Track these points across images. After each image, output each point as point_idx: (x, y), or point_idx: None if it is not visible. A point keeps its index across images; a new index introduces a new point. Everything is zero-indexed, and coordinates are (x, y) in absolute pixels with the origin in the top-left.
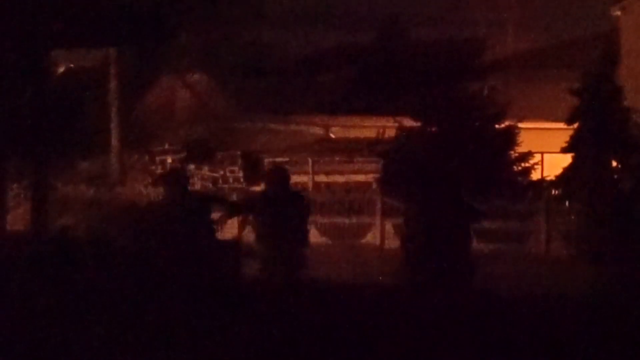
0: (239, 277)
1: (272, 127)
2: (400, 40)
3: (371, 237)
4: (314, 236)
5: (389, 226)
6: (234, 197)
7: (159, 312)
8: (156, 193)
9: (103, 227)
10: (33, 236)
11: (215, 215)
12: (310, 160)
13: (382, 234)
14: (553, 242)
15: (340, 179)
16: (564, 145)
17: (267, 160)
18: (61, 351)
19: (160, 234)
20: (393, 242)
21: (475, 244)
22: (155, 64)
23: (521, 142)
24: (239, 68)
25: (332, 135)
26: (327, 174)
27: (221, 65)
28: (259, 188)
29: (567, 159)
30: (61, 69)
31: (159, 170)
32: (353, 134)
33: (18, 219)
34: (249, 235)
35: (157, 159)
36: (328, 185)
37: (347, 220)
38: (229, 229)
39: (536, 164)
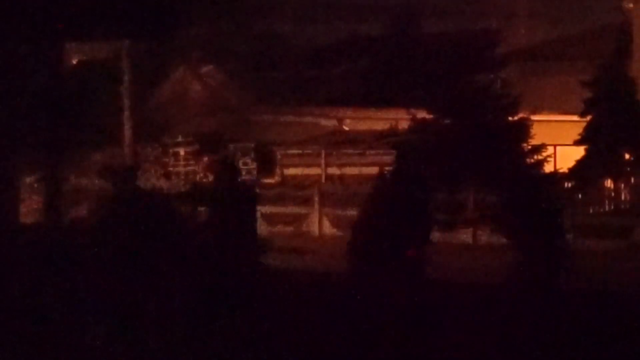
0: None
1: (284, 119)
2: (413, 32)
3: None
4: (326, 227)
5: None
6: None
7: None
8: (168, 185)
9: (115, 218)
10: (45, 228)
11: None
12: (323, 153)
13: None
14: None
15: (352, 171)
16: (577, 137)
17: (279, 153)
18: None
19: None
20: None
21: None
22: (168, 56)
23: (534, 134)
24: (252, 60)
25: (345, 128)
26: (339, 166)
27: (234, 57)
28: (272, 180)
29: (580, 151)
30: (74, 62)
31: (172, 162)
32: (366, 126)
33: (31, 211)
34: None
35: (170, 151)
36: (341, 177)
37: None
38: None
39: (549, 156)
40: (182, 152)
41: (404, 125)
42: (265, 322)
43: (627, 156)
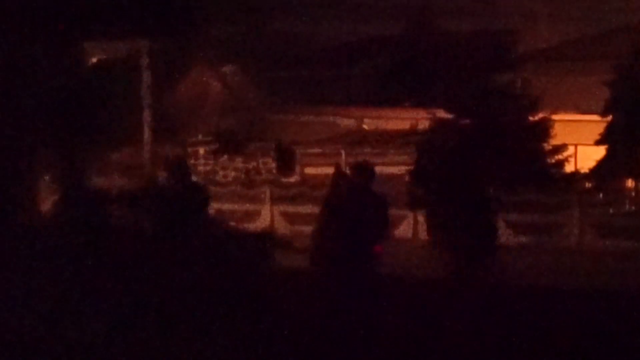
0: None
1: (304, 118)
2: (433, 32)
3: (404, 230)
4: None
5: (421, 218)
6: (267, 188)
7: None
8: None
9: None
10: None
11: None
12: (343, 152)
13: (414, 226)
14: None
15: None
16: (598, 137)
17: (299, 152)
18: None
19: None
20: (425, 235)
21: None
22: (187, 55)
23: (555, 134)
24: (271, 59)
25: (365, 127)
26: None
27: (253, 57)
28: (292, 179)
29: (601, 151)
30: (93, 61)
31: (192, 162)
32: (386, 125)
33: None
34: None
35: (190, 150)
36: None
37: None
38: None
39: (570, 156)
40: (201, 151)
41: (423, 125)
42: (268, 320)
43: None
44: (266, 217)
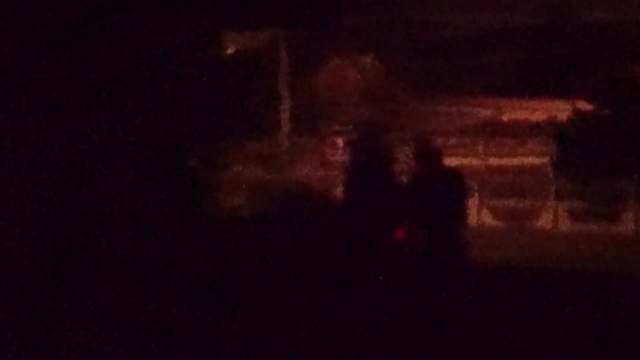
0: None
1: (442, 108)
2: (573, 22)
3: (544, 220)
4: (486, 217)
5: (562, 209)
6: (404, 178)
7: None
8: (328, 175)
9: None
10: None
11: None
12: (481, 143)
13: (555, 217)
14: None
15: (512, 161)
16: None
17: (437, 142)
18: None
19: None
20: (566, 225)
21: None
22: (325, 45)
23: None
24: (409, 49)
25: (504, 118)
26: (499, 156)
27: (391, 46)
28: (429, 169)
29: None
30: (231, 51)
31: (330, 152)
32: (524, 116)
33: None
34: None
35: (327, 140)
36: (500, 167)
37: (519, 204)
38: None
39: None
40: (339, 141)
41: (562, 116)
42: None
43: None
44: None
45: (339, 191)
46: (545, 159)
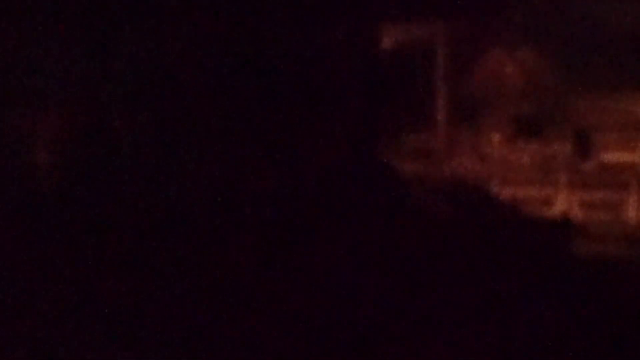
0: None
1: (602, 103)
2: None
3: None
4: None
5: None
6: (564, 174)
7: None
8: (487, 171)
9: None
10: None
11: None
12: None
13: None
14: None
15: None
16: None
17: (597, 138)
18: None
19: None
20: None
21: None
22: (484, 38)
23: None
24: (570, 43)
25: None
26: None
27: (552, 40)
28: (589, 166)
29: None
30: (388, 44)
31: (486, 147)
32: None
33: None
34: None
35: (484, 134)
36: None
37: None
38: None
39: None
40: (496, 135)
41: None
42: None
43: None
44: (562, 203)
45: (495, 186)
46: None
